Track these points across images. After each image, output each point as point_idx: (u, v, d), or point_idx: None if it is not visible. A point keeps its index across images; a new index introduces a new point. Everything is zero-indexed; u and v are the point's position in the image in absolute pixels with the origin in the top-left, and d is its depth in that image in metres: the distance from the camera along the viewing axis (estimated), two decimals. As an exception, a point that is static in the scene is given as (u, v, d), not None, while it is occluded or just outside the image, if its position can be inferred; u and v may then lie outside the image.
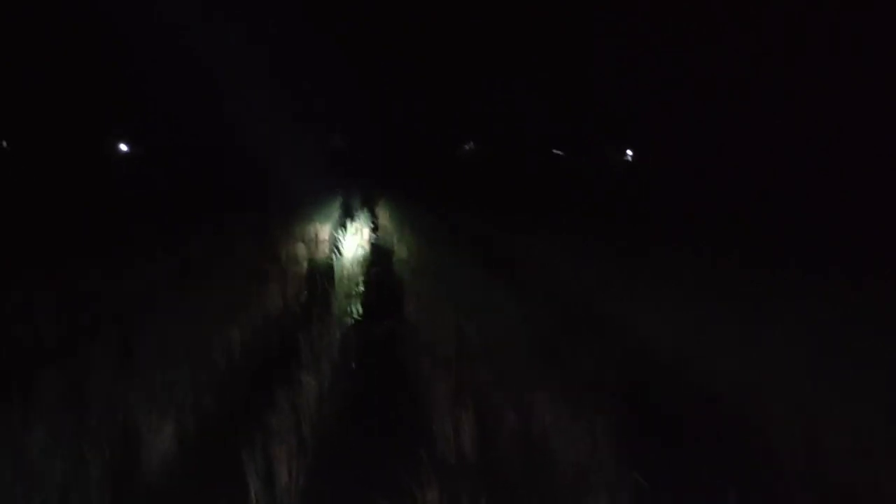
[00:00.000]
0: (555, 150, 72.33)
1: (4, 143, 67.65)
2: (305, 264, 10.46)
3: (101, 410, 4.05)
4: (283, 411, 4.20)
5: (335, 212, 18.62)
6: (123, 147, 72.85)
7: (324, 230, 14.37)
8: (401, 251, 11.76)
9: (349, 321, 7.48)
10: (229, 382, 5.49)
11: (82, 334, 6.64)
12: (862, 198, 19.67)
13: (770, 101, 41.68)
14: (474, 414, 4.55)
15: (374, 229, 16.63)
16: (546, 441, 4.63)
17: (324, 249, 12.46)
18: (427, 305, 7.49)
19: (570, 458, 4.40)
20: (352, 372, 5.64)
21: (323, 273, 9.83)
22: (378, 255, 12.46)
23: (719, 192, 25.41)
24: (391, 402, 5.34)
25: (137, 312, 7.12)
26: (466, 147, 75.97)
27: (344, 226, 15.44)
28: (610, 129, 64.74)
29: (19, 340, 6.40)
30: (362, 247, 12.46)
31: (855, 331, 5.81)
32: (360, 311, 8.25)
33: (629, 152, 70.35)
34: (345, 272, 9.51)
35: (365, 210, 18.90)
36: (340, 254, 11.32)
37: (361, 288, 9.47)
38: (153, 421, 4.03)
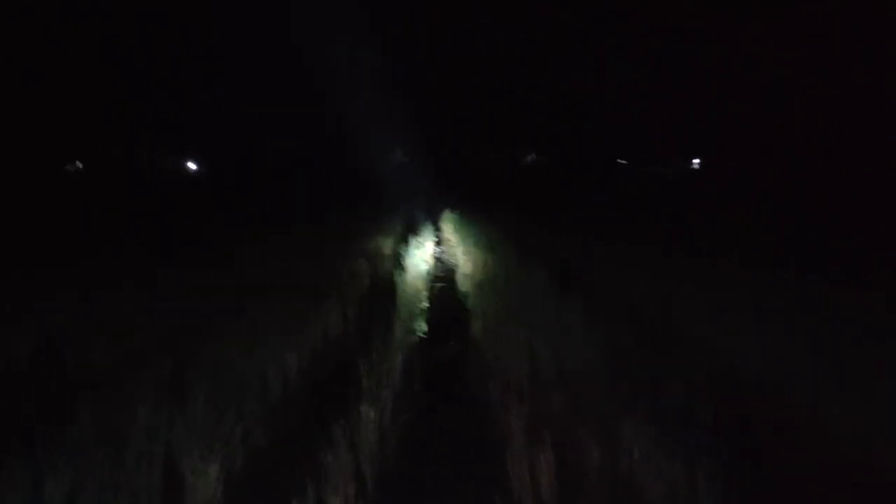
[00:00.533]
0: (619, 160, 71.15)
1: (79, 164, 69.99)
2: (367, 281, 10.06)
3: (140, 450, 3.67)
4: (339, 449, 3.74)
5: (398, 226, 18.29)
6: (192, 165, 74.56)
7: (386, 245, 14.03)
8: (465, 266, 11.28)
9: (412, 343, 7.01)
10: (283, 415, 5.08)
11: (132, 362, 6.35)
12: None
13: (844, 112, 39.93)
14: (552, 451, 4.02)
15: (438, 243, 16.22)
16: (635, 481, 4.08)
17: (386, 265, 12.07)
18: (495, 325, 6.99)
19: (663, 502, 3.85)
20: (414, 402, 5.15)
21: (385, 290, 9.42)
22: (442, 269, 12.01)
23: (789, 202, 24.29)
24: (459, 437, 4.83)
25: (193, 336, 6.83)
26: (528, 159, 75.29)
27: (407, 240, 15.08)
28: (676, 137, 63.26)
29: (65, 369, 6.12)
30: (426, 261, 12.03)
31: None
32: (424, 330, 7.79)
33: (696, 161, 68.80)
34: (407, 289, 9.07)
35: (428, 224, 18.51)
36: (403, 269, 10.91)
37: (425, 305, 9.01)
38: (196, 463, 3.62)
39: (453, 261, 12.61)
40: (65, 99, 56.91)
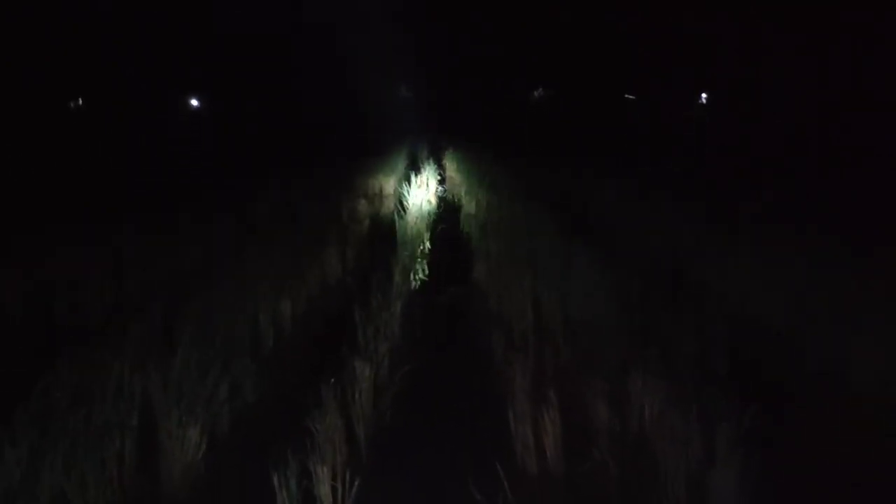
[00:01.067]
0: (627, 95, 69.89)
1: (80, 101, 69.06)
2: (367, 223, 9.74)
3: (112, 409, 3.41)
4: (330, 412, 3.48)
5: (400, 164, 17.87)
6: (194, 102, 73.53)
7: (388, 184, 13.66)
8: (469, 206, 10.94)
9: (412, 289, 6.73)
10: (271, 370, 4.82)
11: (124, 308, 6.10)
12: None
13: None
14: (559, 410, 3.75)
15: (441, 181, 15.83)
16: (648, 444, 3.82)
17: (388, 205, 11.74)
18: (499, 269, 6.68)
19: (678, 467, 3.59)
20: (414, 355, 4.87)
21: (386, 232, 9.11)
22: (445, 210, 11.65)
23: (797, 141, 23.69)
24: (458, 396, 4.57)
25: (190, 281, 6.57)
26: (535, 94, 74.00)
27: (409, 179, 14.72)
28: (683, 72, 61.86)
29: (54, 315, 5.88)
30: (428, 201, 11.68)
31: None
32: (425, 274, 7.50)
33: (704, 95, 67.61)
34: (409, 231, 8.75)
35: (431, 161, 18.05)
36: (405, 210, 10.59)
37: (427, 246, 8.71)
38: (174, 422, 3.37)
39: (457, 201, 12.24)
40: (64, 34, 55.67)
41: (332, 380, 3.81)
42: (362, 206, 10.65)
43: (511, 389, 4.03)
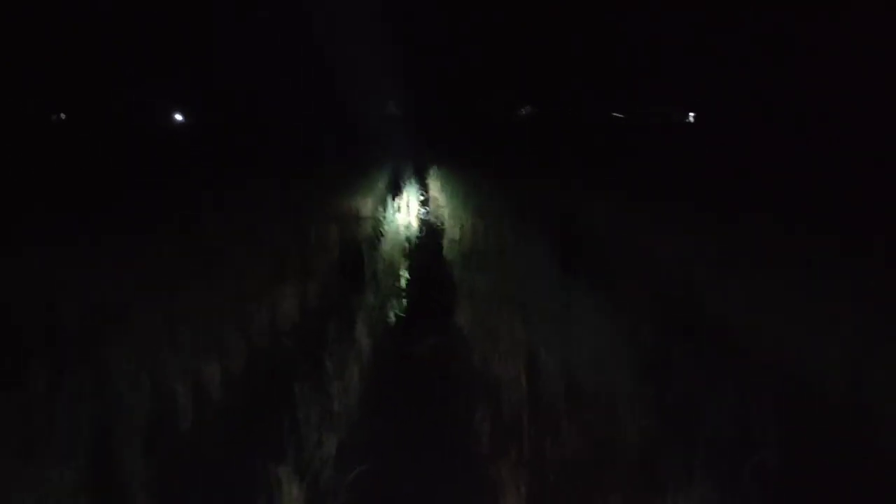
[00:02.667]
0: (614, 114, 69.39)
1: (62, 115, 67.65)
2: (337, 252, 8.60)
3: None
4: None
5: (382, 182, 16.74)
6: (179, 117, 72.23)
7: (366, 205, 12.53)
8: (453, 230, 9.85)
9: (380, 340, 5.60)
10: (197, 447, 3.68)
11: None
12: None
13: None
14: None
15: (424, 202, 14.75)
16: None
17: (364, 229, 10.61)
18: (486, 313, 5.59)
19: None
20: (368, 449, 3.71)
21: (358, 262, 7.95)
22: (427, 236, 10.54)
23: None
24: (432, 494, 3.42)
25: (99, 327, 5.40)
26: (523, 111, 73.32)
27: (390, 198, 13.64)
28: (671, 92, 61.46)
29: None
30: (408, 227, 10.59)
31: None
32: (400, 315, 6.38)
33: (691, 115, 67.32)
34: (384, 261, 7.64)
35: (414, 180, 16.96)
36: (382, 236, 9.49)
37: (403, 282, 7.60)
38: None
39: (440, 225, 11.15)
40: (48, 48, 54.51)
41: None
42: (334, 230, 9.50)
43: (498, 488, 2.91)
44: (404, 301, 6.79)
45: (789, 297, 5.52)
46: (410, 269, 7.99)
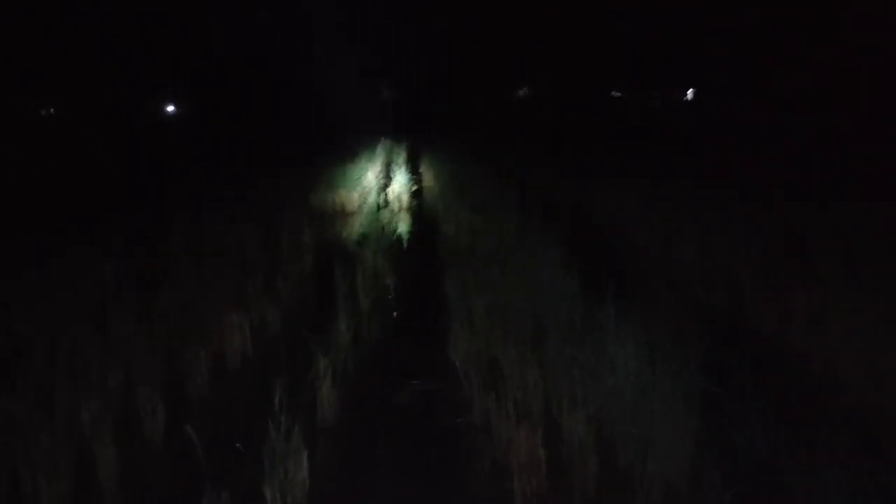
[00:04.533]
0: (613, 93, 67.87)
1: (52, 110, 65.98)
2: (310, 259, 7.34)
3: None
4: None
5: (371, 172, 15.38)
6: (170, 108, 70.44)
7: (351, 199, 11.23)
8: (448, 226, 8.59)
9: (354, 379, 4.36)
10: None
11: None
12: None
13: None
14: None
15: (416, 193, 13.47)
16: None
17: (347, 229, 9.36)
18: (488, 346, 4.35)
19: None
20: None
21: (332, 274, 6.64)
22: (417, 235, 9.27)
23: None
24: None
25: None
26: (520, 93, 71.70)
27: (379, 191, 12.40)
28: (669, 69, 59.96)
29: None
30: (397, 224, 9.34)
31: None
32: (378, 349, 5.12)
33: (689, 92, 65.91)
34: (365, 271, 6.36)
35: (406, 169, 15.65)
36: (365, 237, 8.25)
37: (387, 298, 6.34)
38: None
39: (433, 221, 9.87)
40: (36, 40, 52.75)
41: None
42: (311, 232, 8.22)
43: None
44: (386, 326, 5.53)
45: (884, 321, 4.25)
46: (396, 281, 6.72)
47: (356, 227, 9.13)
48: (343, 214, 10.32)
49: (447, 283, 5.70)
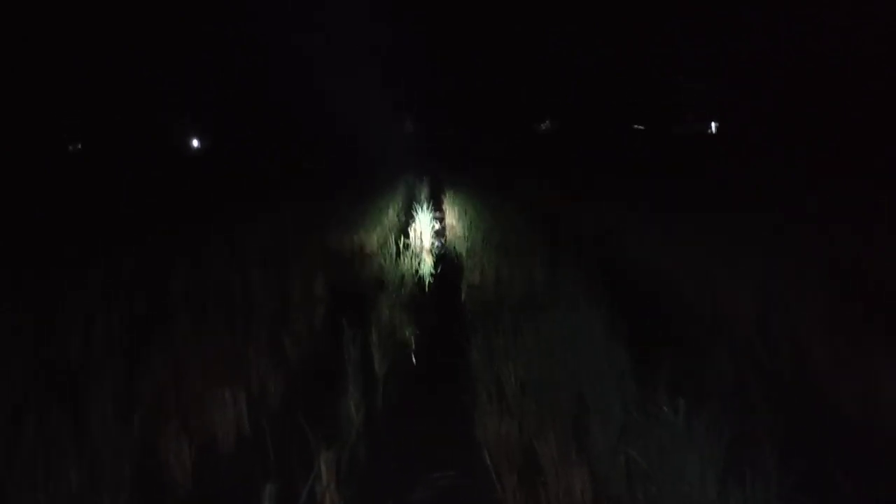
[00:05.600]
0: (636, 126, 67.34)
1: (79, 146, 66.40)
2: (322, 312, 6.70)
3: None
4: None
5: (392, 210, 14.77)
6: (195, 143, 70.65)
7: (371, 240, 10.60)
8: (473, 274, 7.95)
9: (362, 471, 3.69)
10: None
11: None
12: None
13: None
14: None
15: (439, 233, 12.87)
16: None
17: (364, 273, 8.73)
18: (519, 426, 3.67)
19: None
20: None
21: (343, 332, 5.92)
22: (439, 284, 8.60)
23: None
24: None
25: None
26: (542, 126, 71.36)
27: (400, 230, 11.80)
28: (694, 103, 59.49)
29: None
30: (417, 269, 8.70)
31: None
32: (392, 430, 4.44)
33: (713, 125, 65.32)
34: (381, 327, 5.72)
35: (428, 206, 15.03)
36: (383, 284, 7.62)
37: (403, 362, 5.68)
38: None
39: (457, 265, 9.24)
40: (62, 80, 53.17)
41: None
42: (325, 278, 7.60)
43: None
44: (403, 400, 4.85)
45: None
46: (415, 342, 6.06)
47: (374, 272, 8.49)
48: (361, 255, 9.70)
49: (473, 346, 5.01)
